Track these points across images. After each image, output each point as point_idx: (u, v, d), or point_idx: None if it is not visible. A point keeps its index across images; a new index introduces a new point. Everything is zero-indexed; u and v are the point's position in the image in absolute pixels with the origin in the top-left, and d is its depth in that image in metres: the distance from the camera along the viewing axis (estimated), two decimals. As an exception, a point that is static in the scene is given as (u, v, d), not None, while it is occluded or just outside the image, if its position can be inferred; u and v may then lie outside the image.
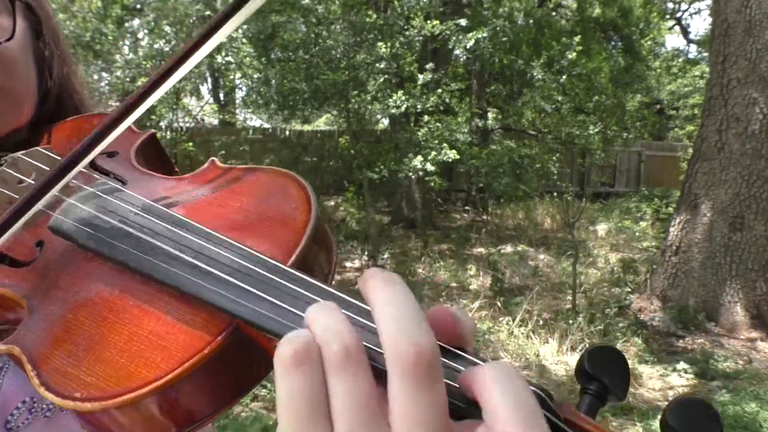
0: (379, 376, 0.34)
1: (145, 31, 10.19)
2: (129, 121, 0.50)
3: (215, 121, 14.74)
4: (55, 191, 0.50)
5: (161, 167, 0.66)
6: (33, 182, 0.60)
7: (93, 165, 0.61)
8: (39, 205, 0.49)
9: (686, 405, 0.39)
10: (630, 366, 0.39)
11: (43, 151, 0.67)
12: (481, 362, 0.37)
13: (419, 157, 8.42)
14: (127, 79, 9.13)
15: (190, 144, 9.49)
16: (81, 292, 0.48)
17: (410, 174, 8.57)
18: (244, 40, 9.40)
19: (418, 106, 8.71)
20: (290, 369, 0.34)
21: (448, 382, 0.35)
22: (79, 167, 0.50)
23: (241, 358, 0.43)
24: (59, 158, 0.62)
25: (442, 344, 0.37)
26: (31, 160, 0.65)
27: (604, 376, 0.41)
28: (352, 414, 0.33)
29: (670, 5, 18.48)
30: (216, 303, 0.42)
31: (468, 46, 8.76)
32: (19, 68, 0.71)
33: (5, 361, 0.68)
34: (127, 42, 9.98)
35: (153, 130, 0.71)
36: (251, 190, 0.54)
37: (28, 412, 0.68)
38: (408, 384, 0.32)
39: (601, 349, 0.42)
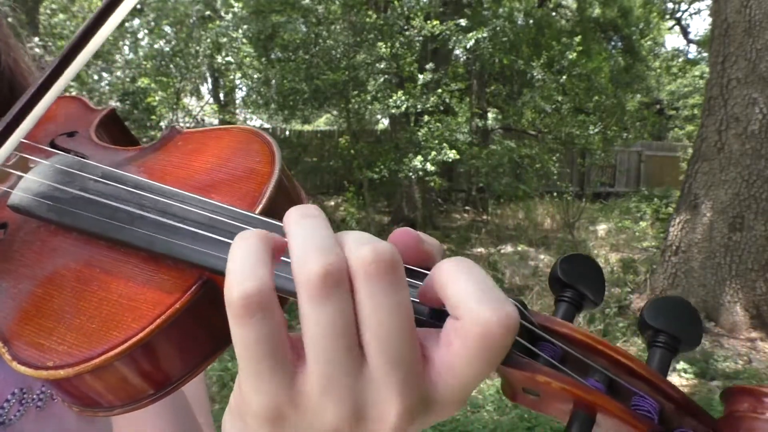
0: None
1: (145, 31, 10.19)
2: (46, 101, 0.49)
3: (215, 121, 14.73)
4: None
5: (124, 142, 0.64)
6: None
7: (52, 145, 0.61)
8: None
9: (663, 303, 0.39)
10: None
11: None
12: None
13: (419, 157, 8.42)
14: (128, 79, 9.13)
15: (190, 144, 9.49)
16: (48, 267, 0.47)
17: (410, 174, 8.57)
18: (244, 40, 9.40)
19: (418, 106, 8.71)
20: (243, 321, 0.31)
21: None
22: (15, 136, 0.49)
23: (213, 311, 0.42)
24: None
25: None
26: None
27: (578, 282, 0.41)
28: (330, 343, 0.31)
29: (670, 5, 18.47)
30: (183, 257, 0.41)
31: (468, 46, 8.76)
32: None
33: None
34: (127, 42, 9.98)
35: (113, 105, 0.69)
36: (214, 150, 0.53)
37: (18, 403, 0.67)
38: (371, 290, 0.31)
39: (573, 257, 0.42)
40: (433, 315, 0.36)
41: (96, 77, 9.86)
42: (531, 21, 12.24)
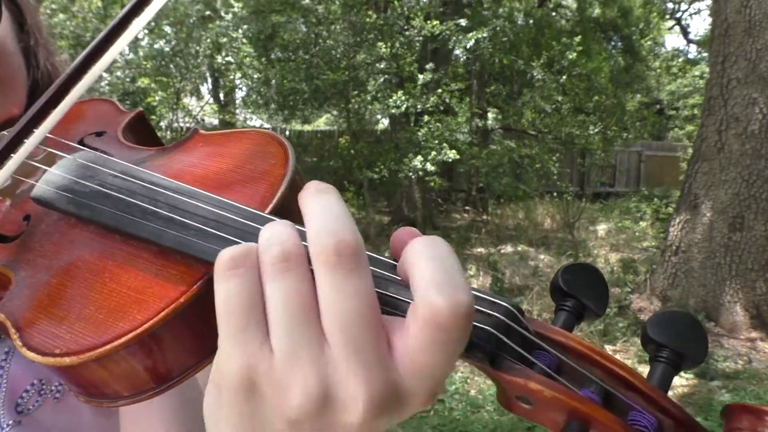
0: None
1: (145, 31, 10.19)
2: (73, 96, 0.51)
3: (215, 121, 14.73)
4: (16, 159, 0.50)
5: (150, 144, 0.66)
6: None
7: (81, 143, 0.63)
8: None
9: (667, 317, 0.38)
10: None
11: None
12: None
13: (419, 157, 8.42)
14: (128, 79, 9.13)
15: (190, 144, 9.49)
16: (64, 258, 0.49)
17: (410, 174, 8.57)
18: (244, 40, 9.40)
19: (418, 106, 8.72)
20: (225, 273, 0.35)
21: (384, 291, 0.37)
22: (34, 138, 0.50)
23: None
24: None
25: (385, 258, 0.39)
26: None
27: (579, 292, 0.40)
28: (288, 315, 0.34)
29: (670, 5, 18.48)
30: (191, 252, 0.43)
31: (468, 46, 8.76)
32: (8, 55, 0.72)
33: (11, 346, 0.69)
34: (127, 42, 9.96)
35: (140, 109, 0.71)
36: (232, 152, 0.55)
37: (37, 394, 0.69)
38: (330, 274, 0.33)
39: (576, 266, 0.41)
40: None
41: (96, 77, 9.84)
42: (531, 21, 12.24)
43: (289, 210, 0.47)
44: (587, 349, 0.37)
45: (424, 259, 0.33)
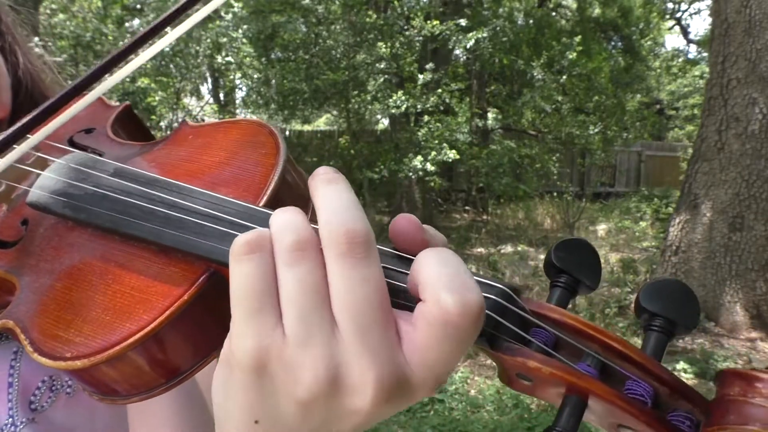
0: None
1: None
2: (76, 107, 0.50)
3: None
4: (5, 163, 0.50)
5: (139, 137, 0.66)
6: None
7: (71, 142, 0.63)
8: None
9: (659, 286, 0.39)
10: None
11: None
12: None
13: (419, 157, 8.42)
14: (128, 79, 9.12)
15: (190, 144, 9.50)
16: (65, 261, 0.49)
17: (410, 174, 8.57)
18: (244, 40, 9.40)
19: (418, 106, 8.72)
20: (241, 258, 0.35)
21: (394, 281, 0.37)
22: (31, 141, 0.50)
23: (221, 303, 0.44)
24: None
25: (394, 251, 0.39)
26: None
27: (572, 268, 0.41)
28: (302, 300, 0.34)
29: (670, 5, 18.47)
30: (191, 249, 0.43)
31: (468, 46, 8.76)
32: None
33: (19, 345, 0.69)
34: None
35: (128, 102, 0.71)
36: (222, 143, 0.55)
37: (49, 390, 0.69)
38: (341, 262, 0.34)
39: (569, 242, 0.42)
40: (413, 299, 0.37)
41: (96, 77, 9.83)
42: (531, 21, 12.24)
43: (283, 198, 0.48)
44: (582, 325, 0.38)
45: (435, 261, 0.34)
